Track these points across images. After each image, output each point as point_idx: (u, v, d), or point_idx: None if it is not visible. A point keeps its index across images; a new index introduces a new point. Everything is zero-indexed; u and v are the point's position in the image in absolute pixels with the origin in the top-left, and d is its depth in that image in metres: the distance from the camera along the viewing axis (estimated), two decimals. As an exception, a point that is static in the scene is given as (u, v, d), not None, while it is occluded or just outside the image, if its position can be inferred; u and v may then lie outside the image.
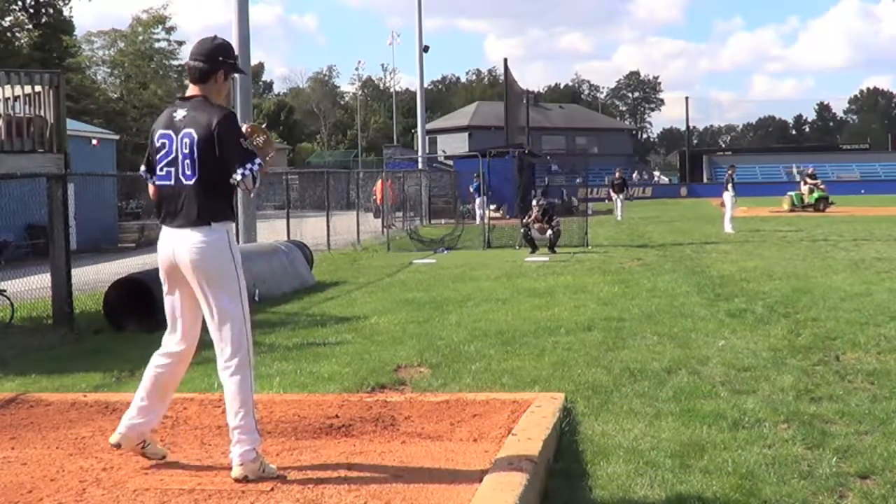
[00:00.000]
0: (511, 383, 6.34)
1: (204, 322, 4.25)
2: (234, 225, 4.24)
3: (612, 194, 32.24)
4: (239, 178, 4.06)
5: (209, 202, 4.10)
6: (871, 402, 5.59)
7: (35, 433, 5.16)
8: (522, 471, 4.01)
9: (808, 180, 33.79)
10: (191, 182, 4.10)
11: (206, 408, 5.57)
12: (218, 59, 4.21)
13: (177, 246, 4.13)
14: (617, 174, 33.48)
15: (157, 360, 4.38)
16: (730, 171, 23.66)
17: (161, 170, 4.19)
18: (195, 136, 4.08)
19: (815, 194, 32.97)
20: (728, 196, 22.56)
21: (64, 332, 9.49)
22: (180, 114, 4.17)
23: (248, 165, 4.07)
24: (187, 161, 4.10)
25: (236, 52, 4.32)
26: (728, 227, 22.01)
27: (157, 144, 4.21)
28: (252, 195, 4.05)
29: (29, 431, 5.20)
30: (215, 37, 4.34)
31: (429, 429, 5.01)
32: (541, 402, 5.37)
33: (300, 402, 5.63)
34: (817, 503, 4.05)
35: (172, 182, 4.15)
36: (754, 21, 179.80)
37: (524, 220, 18.76)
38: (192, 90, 4.24)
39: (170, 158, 4.15)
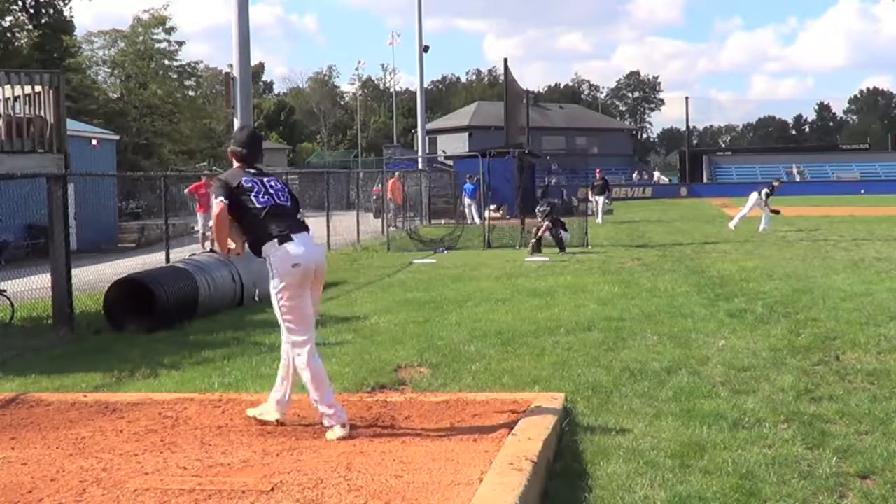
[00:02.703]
0: (511, 383, 6.34)
1: None
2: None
3: (592, 196, 29.82)
4: None
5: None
6: (871, 402, 5.59)
7: (35, 433, 5.16)
8: (522, 471, 4.01)
9: None
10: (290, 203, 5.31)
11: (206, 408, 5.58)
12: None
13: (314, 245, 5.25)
14: (598, 175, 31.70)
15: (316, 356, 5.12)
16: (776, 184, 23.62)
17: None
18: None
19: None
20: (754, 197, 22.42)
21: (64, 332, 9.48)
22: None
23: None
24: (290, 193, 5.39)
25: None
26: (732, 223, 22.05)
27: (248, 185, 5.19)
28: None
29: (29, 431, 5.21)
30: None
31: (429, 429, 5.01)
32: (541, 402, 5.37)
33: (300, 402, 5.62)
34: (817, 503, 4.05)
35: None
36: (753, 21, 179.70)
37: (534, 223, 18.77)
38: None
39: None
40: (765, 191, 22.66)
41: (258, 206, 5.10)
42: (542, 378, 6.45)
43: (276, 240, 5.00)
